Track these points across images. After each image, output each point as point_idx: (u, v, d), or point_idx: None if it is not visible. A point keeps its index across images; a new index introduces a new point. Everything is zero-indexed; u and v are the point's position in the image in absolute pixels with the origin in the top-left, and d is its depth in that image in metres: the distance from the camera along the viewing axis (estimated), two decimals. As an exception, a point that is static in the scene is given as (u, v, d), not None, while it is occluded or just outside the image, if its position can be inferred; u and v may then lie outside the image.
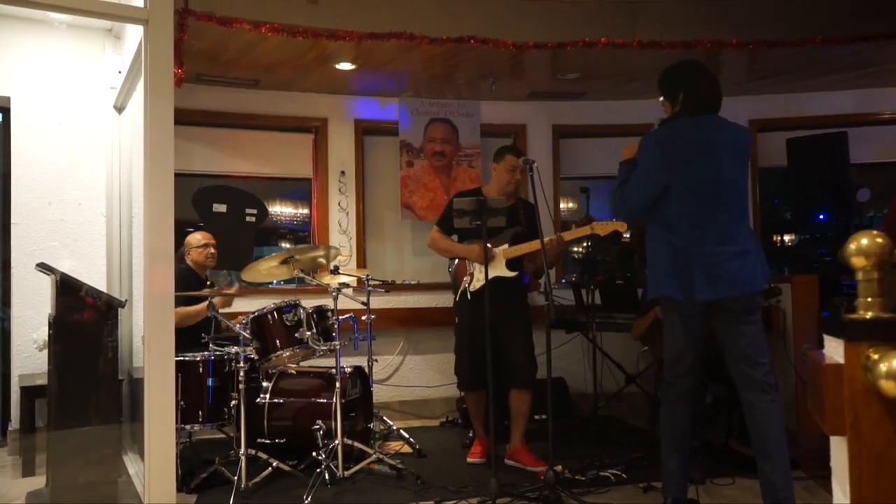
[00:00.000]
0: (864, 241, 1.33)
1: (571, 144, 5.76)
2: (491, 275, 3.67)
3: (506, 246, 3.82)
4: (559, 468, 3.50)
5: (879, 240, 1.33)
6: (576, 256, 6.10)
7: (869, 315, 1.32)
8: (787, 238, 6.06)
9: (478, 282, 3.82)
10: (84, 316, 3.15)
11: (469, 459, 4.01)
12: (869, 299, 1.34)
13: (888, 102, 5.40)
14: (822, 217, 4.91)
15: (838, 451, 1.42)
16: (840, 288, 3.84)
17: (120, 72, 4.48)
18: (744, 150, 2.91)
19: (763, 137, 5.53)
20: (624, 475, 3.62)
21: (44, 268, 3.05)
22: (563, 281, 5.63)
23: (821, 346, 3.72)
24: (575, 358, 5.20)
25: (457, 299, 4.02)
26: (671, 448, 2.95)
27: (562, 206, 5.89)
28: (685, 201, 2.83)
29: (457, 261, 4.04)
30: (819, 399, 1.38)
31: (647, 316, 4.13)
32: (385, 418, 4.57)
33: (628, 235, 5.87)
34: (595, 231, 3.66)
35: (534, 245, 3.66)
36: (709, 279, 2.77)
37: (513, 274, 3.81)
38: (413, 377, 5.40)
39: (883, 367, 1.22)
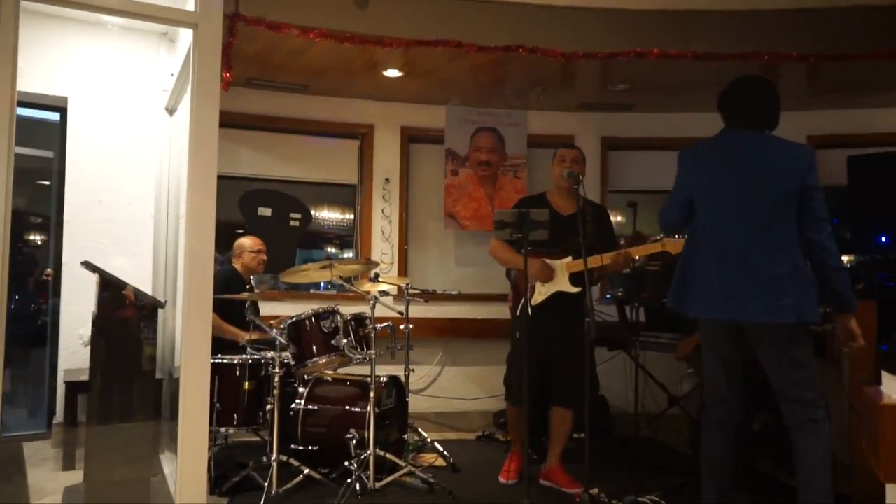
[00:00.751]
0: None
1: (620, 157, 5.63)
2: (553, 289, 3.58)
3: (569, 259, 3.61)
4: (595, 491, 3.39)
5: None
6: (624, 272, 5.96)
7: (934, 353, 1.22)
8: (845, 259, 5.82)
9: (540, 295, 3.63)
10: (124, 314, 3.19)
11: (501, 479, 3.88)
12: (934, 336, 1.23)
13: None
14: (883, 239, 4.69)
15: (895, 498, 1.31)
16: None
17: (172, 74, 4.56)
18: (792, 171, 2.69)
19: (822, 154, 5.29)
20: (662, 502, 3.49)
21: (87, 266, 3.09)
22: (608, 297, 5.51)
23: (878, 379, 3.53)
24: (617, 376, 5.05)
25: (518, 311, 3.75)
26: (707, 475, 2.85)
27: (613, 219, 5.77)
28: (709, 216, 2.77)
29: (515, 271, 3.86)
30: (874, 441, 1.28)
31: (693, 336, 3.98)
32: (420, 430, 4.51)
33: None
34: (666, 248, 3.48)
35: (604, 259, 3.44)
36: (716, 298, 2.71)
37: (576, 290, 3.57)
38: (451, 389, 5.34)
39: (948, 411, 1.11)
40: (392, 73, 4.72)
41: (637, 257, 3.61)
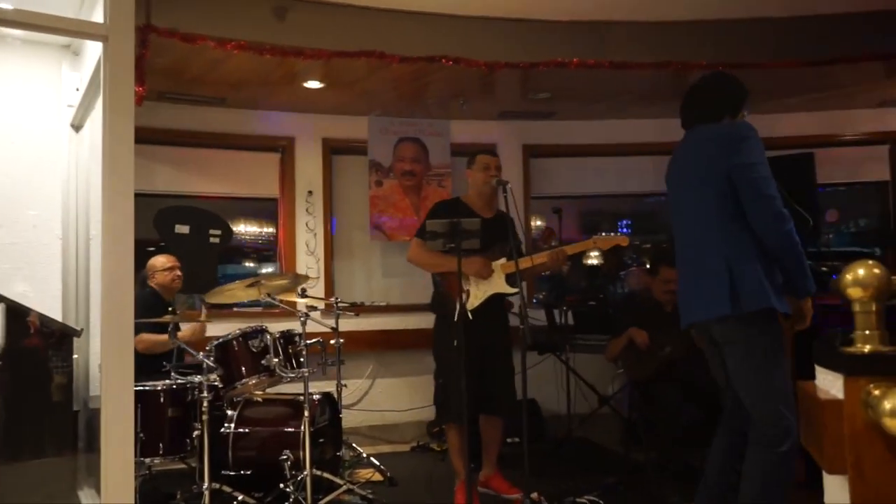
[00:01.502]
0: (861, 272, 1.29)
1: (542, 164, 5.74)
2: (490, 291, 3.53)
3: (503, 260, 3.57)
4: (535, 495, 3.41)
5: (877, 270, 1.29)
6: (544, 275, 6.05)
7: (868, 349, 1.28)
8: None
9: (476, 299, 3.53)
10: (34, 344, 2.99)
11: None
12: (867, 332, 1.29)
13: (854, 124, 5.51)
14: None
15: (837, 490, 1.37)
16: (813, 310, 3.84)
17: (78, 89, 4.33)
18: (718, 154, 2.53)
19: (731, 158, 5.58)
20: (600, 501, 3.55)
21: (-8, 295, 2.89)
22: (535, 300, 5.58)
23: (794, 368, 3.68)
24: (546, 379, 5.13)
25: (455, 319, 3.38)
26: (703, 477, 2.77)
27: (533, 224, 5.86)
28: (672, 219, 2.79)
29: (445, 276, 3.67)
30: (817, 435, 1.33)
31: (621, 337, 4.08)
32: (354, 445, 4.44)
33: (597, 254, 5.87)
34: (597, 245, 3.54)
35: (536, 259, 3.46)
36: (682, 306, 2.71)
37: (514, 290, 3.48)
38: (382, 401, 5.28)
39: (887, 404, 1.16)
40: (312, 84, 4.65)
41: (570, 254, 3.63)
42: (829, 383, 1.37)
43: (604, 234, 3.57)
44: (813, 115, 5.49)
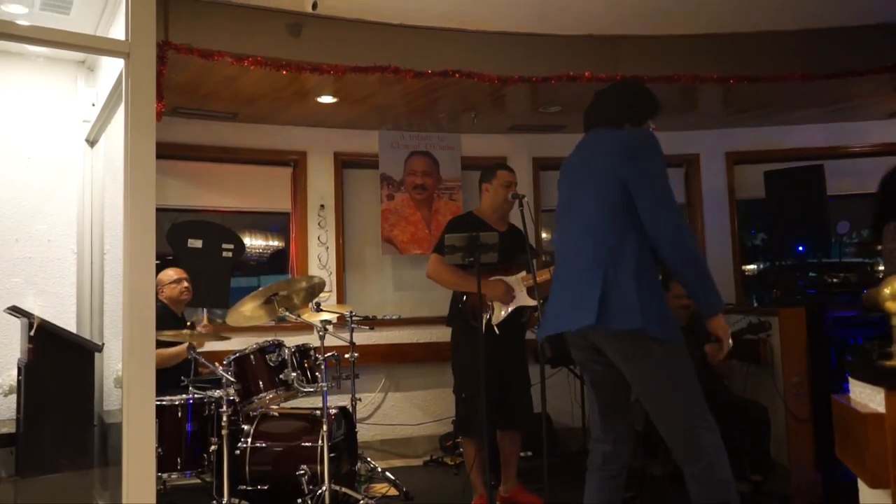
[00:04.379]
0: (901, 286, 1.30)
1: (552, 177, 5.74)
2: (514, 305, 3.57)
3: (523, 273, 3.62)
4: (554, 509, 3.40)
5: (916, 284, 1.30)
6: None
7: (910, 362, 1.29)
8: (758, 266, 6.12)
9: (502, 312, 3.57)
10: (59, 360, 2.99)
11: None
12: (907, 346, 1.30)
13: (862, 136, 5.53)
14: (800, 249, 4.96)
15: (876, 501, 1.37)
16: (826, 321, 3.86)
17: (94, 105, 4.36)
18: (606, 162, 2.41)
19: (741, 170, 5.61)
20: (618, 515, 3.53)
21: (16, 311, 2.90)
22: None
23: (810, 379, 3.67)
24: (559, 392, 5.12)
25: (481, 332, 3.38)
26: None
27: (544, 236, 5.88)
28: (556, 223, 2.64)
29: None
30: (859, 450, 1.34)
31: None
32: (369, 459, 4.43)
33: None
34: None
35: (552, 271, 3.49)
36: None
37: (535, 303, 3.42)
38: (395, 415, 5.27)
39: (933, 418, 1.17)
40: (325, 99, 4.68)
41: None
42: (868, 397, 1.37)
43: None
44: (822, 127, 5.52)
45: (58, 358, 3.01)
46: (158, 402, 3.44)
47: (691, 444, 2.31)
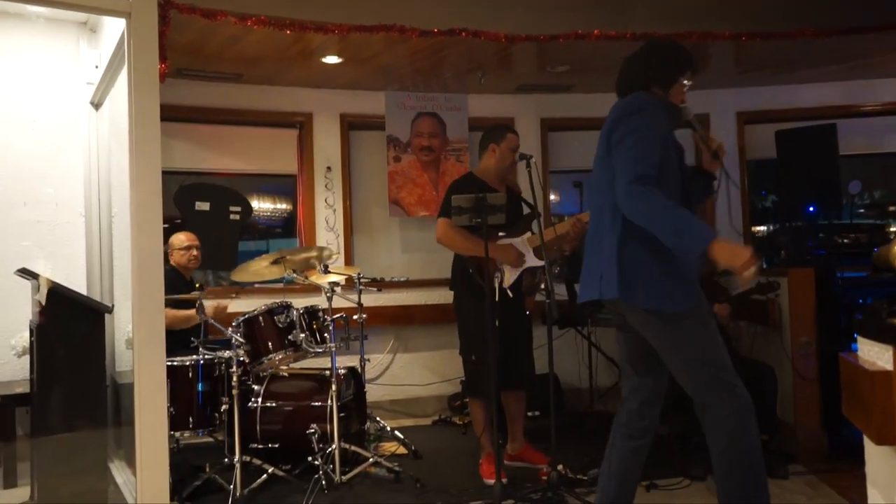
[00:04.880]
0: (912, 244, 1.29)
1: (560, 137, 5.70)
2: (522, 266, 3.58)
3: (529, 234, 3.62)
4: (560, 467, 3.45)
5: (927, 242, 1.28)
6: (566, 254, 6.04)
7: (918, 320, 1.28)
8: (768, 228, 6.08)
9: (511, 275, 3.60)
10: (70, 322, 3.02)
11: (487, 480, 3.64)
12: (917, 303, 1.30)
13: (876, 94, 5.43)
14: (811, 209, 4.91)
15: (882, 458, 1.38)
16: (835, 282, 3.84)
17: (97, 67, 4.32)
18: (605, 130, 2.44)
19: (752, 129, 5.53)
20: (624, 473, 3.57)
21: (26, 273, 2.92)
22: (559, 272, 5.56)
23: (818, 340, 3.67)
24: (567, 353, 5.15)
25: (492, 297, 3.38)
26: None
27: (553, 198, 5.85)
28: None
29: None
30: (865, 407, 1.34)
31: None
32: (378, 418, 4.49)
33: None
34: None
35: (559, 228, 3.48)
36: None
37: (542, 263, 3.37)
38: (404, 376, 5.33)
39: (941, 375, 1.17)
40: (330, 59, 4.62)
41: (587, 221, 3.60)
42: (876, 355, 1.37)
43: None
44: (835, 86, 5.42)
45: (68, 319, 3.03)
46: (169, 363, 3.48)
47: (716, 410, 2.31)
